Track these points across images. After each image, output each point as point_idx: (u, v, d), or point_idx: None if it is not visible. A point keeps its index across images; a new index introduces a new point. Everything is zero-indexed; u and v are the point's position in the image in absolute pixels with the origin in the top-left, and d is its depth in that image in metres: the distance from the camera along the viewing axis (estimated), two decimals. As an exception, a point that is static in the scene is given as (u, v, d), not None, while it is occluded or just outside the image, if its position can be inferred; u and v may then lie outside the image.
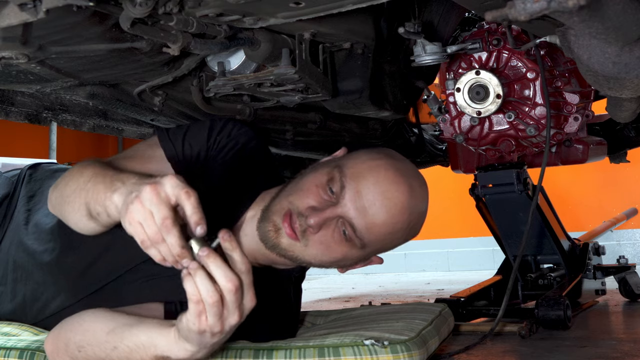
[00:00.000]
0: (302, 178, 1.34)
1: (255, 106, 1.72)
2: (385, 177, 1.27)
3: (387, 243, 1.32)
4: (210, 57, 1.47)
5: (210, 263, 1.03)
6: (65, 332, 1.22)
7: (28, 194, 1.56)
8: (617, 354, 1.40)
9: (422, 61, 1.62)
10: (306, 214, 1.26)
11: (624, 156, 2.48)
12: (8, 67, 1.24)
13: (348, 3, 1.08)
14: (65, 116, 1.64)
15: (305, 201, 1.28)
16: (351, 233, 1.26)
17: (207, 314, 1.03)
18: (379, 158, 1.31)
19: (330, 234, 1.27)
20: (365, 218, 1.25)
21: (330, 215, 1.26)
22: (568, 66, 1.79)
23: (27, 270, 1.45)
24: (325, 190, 1.28)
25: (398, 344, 1.20)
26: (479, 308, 1.95)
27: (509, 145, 1.86)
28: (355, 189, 1.26)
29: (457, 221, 4.55)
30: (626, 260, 2.30)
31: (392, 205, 1.26)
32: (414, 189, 1.30)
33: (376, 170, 1.28)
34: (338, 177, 1.27)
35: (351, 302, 2.96)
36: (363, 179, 1.26)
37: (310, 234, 1.26)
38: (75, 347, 1.18)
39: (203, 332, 1.05)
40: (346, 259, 1.32)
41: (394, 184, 1.27)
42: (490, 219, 2.12)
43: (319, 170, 1.33)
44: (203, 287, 1.02)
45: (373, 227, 1.26)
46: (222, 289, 1.03)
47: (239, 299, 1.05)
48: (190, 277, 1.03)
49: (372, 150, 1.36)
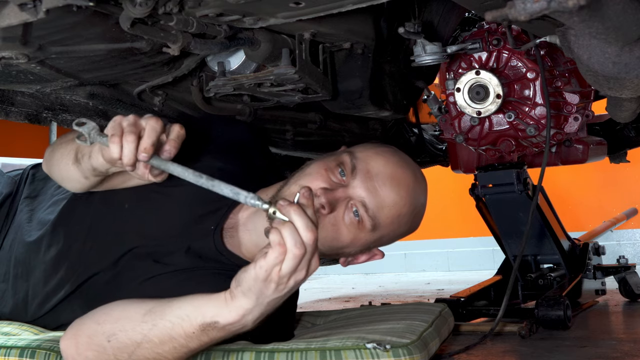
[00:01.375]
0: (309, 165, 1.37)
1: (255, 106, 1.72)
2: (393, 162, 1.35)
3: (393, 228, 1.35)
4: (210, 57, 1.47)
5: (293, 212, 1.02)
6: (87, 326, 1.19)
7: (31, 194, 1.57)
8: (617, 354, 1.40)
9: (422, 61, 1.62)
10: (318, 194, 1.28)
11: (624, 156, 2.48)
12: (8, 67, 1.24)
13: (348, 3, 1.08)
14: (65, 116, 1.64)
15: (316, 183, 1.31)
16: (363, 213, 1.29)
17: (284, 263, 1.02)
18: (385, 147, 1.39)
19: (342, 216, 1.30)
20: (376, 198, 1.30)
21: (342, 195, 1.29)
22: (568, 66, 1.79)
23: (27, 266, 1.45)
24: (335, 174, 1.32)
25: (400, 348, 1.20)
26: (479, 308, 1.95)
27: (509, 145, 1.86)
28: (366, 169, 1.31)
29: (457, 221, 4.55)
30: (626, 260, 2.30)
31: (401, 187, 1.32)
32: (418, 177, 1.38)
33: (383, 155, 1.35)
34: (349, 159, 1.32)
35: (351, 302, 2.96)
36: (373, 161, 1.33)
37: (322, 215, 1.27)
38: (105, 337, 1.15)
39: (270, 281, 1.04)
40: (354, 244, 1.34)
41: (400, 167, 1.34)
42: (490, 219, 2.12)
43: (327, 157, 1.38)
44: (291, 237, 1.01)
45: (383, 208, 1.30)
46: (302, 238, 1.02)
47: (312, 254, 1.04)
48: (275, 229, 1.02)
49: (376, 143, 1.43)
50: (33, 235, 1.47)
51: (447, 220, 4.59)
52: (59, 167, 1.33)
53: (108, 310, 1.19)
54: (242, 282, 1.07)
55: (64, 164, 1.30)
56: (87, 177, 1.27)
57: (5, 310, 1.48)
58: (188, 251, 1.37)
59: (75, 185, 1.35)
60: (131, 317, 1.15)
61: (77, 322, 1.22)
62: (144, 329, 1.12)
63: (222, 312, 1.09)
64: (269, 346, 1.26)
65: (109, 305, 1.21)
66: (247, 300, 1.07)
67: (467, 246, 4.65)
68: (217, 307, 1.10)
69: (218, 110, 1.63)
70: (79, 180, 1.30)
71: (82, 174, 1.27)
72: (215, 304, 1.10)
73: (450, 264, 4.78)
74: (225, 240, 1.39)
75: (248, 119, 1.73)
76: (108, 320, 1.17)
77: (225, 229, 1.39)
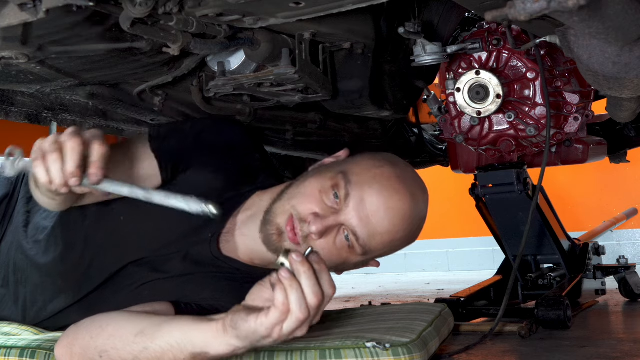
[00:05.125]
0: (304, 181, 1.33)
1: (255, 106, 1.72)
2: (388, 187, 1.28)
3: (387, 250, 1.33)
4: (210, 57, 1.47)
5: (304, 273, 1.02)
6: (82, 337, 1.19)
7: (27, 194, 1.56)
8: (617, 354, 1.40)
9: (422, 61, 1.62)
10: (308, 220, 1.26)
11: (624, 156, 2.48)
12: (8, 67, 1.24)
13: (348, 3, 1.08)
14: (65, 116, 1.64)
15: (308, 207, 1.27)
16: (353, 240, 1.27)
17: (285, 324, 1.02)
18: (382, 165, 1.31)
19: (333, 240, 1.27)
20: (368, 227, 1.26)
21: (333, 223, 1.26)
22: (568, 66, 1.79)
23: (25, 273, 1.45)
24: (328, 196, 1.28)
25: (399, 347, 1.20)
26: (479, 308, 1.95)
27: (509, 145, 1.86)
28: (360, 197, 1.26)
29: (457, 221, 4.55)
30: (626, 260, 2.30)
31: (395, 215, 1.27)
32: (416, 197, 1.31)
33: (379, 179, 1.28)
34: (343, 184, 1.27)
35: (351, 302, 2.96)
36: (368, 187, 1.27)
37: (312, 239, 1.26)
38: (97, 352, 1.15)
39: (268, 337, 1.04)
40: (346, 264, 1.33)
41: (396, 194, 1.28)
42: (490, 219, 2.12)
43: (323, 174, 1.32)
44: (296, 301, 1.01)
45: (375, 236, 1.27)
46: (308, 302, 1.02)
47: (315, 316, 1.05)
48: (282, 285, 1.02)
49: (375, 155, 1.36)
50: (29, 242, 1.46)
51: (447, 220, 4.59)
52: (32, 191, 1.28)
53: (103, 323, 1.20)
54: (238, 327, 1.05)
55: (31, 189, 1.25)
56: (54, 199, 1.21)
57: (6, 314, 1.48)
58: (185, 258, 1.36)
59: (54, 207, 1.29)
60: (122, 337, 1.15)
61: (73, 331, 1.22)
62: (134, 350, 1.13)
63: (212, 344, 1.08)
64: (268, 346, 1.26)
65: (104, 317, 1.22)
66: (240, 341, 1.07)
67: (467, 246, 4.65)
68: (207, 338, 1.09)
69: (218, 110, 1.63)
70: (51, 204, 1.25)
71: (48, 197, 1.20)
72: (205, 335, 1.09)
73: (450, 264, 4.78)
74: (221, 245, 1.37)
75: (248, 119, 1.73)
76: (102, 335, 1.17)
77: (222, 233, 1.38)
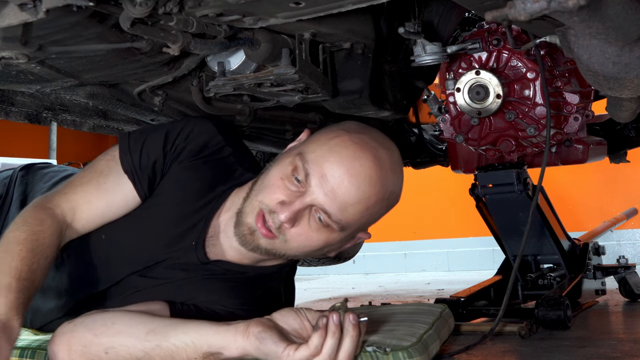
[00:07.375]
0: (267, 173, 1.32)
1: (255, 106, 1.72)
2: (347, 155, 1.24)
3: (367, 219, 1.30)
4: (210, 57, 1.47)
5: (349, 334, 1.10)
6: (83, 335, 1.18)
7: (20, 197, 1.55)
8: (617, 354, 1.40)
9: (422, 61, 1.62)
10: (276, 209, 1.25)
11: (624, 156, 2.48)
12: (8, 67, 1.25)
13: (348, 3, 1.08)
14: (65, 116, 1.64)
15: (274, 197, 1.26)
16: (326, 219, 1.25)
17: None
18: (337, 136, 1.28)
19: (307, 224, 1.26)
20: (336, 200, 1.23)
21: (300, 206, 1.24)
22: (568, 66, 1.79)
23: None
24: (291, 181, 1.26)
25: (400, 351, 1.20)
26: (479, 308, 1.95)
27: (509, 145, 1.86)
28: (320, 174, 1.23)
29: (457, 221, 4.55)
30: (626, 260, 2.30)
31: (361, 181, 1.23)
32: (381, 158, 1.27)
33: (336, 149, 1.25)
34: (301, 165, 1.25)
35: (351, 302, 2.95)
36: (325, 162, 1.24)
37: (286, 229, 1.25)
38: (102, 349, 1.16)
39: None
40: (330, 244, 1.31)
41: (357, 160, 1.24)
42: (490, 219, 2.12)
43: (282, 161, 1.31)
44: (329, 350, 1.07)
45: (347, 207, 1.24)
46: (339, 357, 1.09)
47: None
48: (323, 332, 1.08)
49: (330, 128, 1.33)
50: None
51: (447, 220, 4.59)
52: None
53: (107, 321, 1.19)
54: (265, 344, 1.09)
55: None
56: None
57: None
58: (173, 267, 1.36)
59: None
60: (132, 334, 1.16)
61: (68, 328, 1.20)
62: (146, 347, 1.14)
63: (230, 346, 1.12)
64: None
65: (107, 315, 1.21)
66: (256, 353, 1.11)
67: (467, 246, 4.65)
68: (225, 340, 1.13)
69: (218, 110, 1.63)
70: None
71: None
72: (224, 337, 1.13)
73: (450, 264, 4.78)
74: (208, 249, 1.36)
75: (248, 119, 1.73)
76: (106, 332, 1.17)
77: (207, 238, 1.36)
